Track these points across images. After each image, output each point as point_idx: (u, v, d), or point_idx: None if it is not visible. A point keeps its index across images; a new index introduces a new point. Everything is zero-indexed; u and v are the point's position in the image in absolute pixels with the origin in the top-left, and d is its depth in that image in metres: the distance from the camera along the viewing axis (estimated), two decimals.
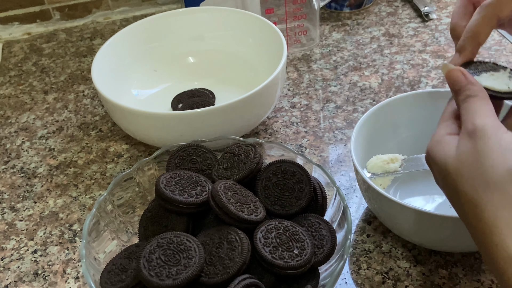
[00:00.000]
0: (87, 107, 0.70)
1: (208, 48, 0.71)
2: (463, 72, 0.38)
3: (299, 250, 0.38)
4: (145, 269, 0.36)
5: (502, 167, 0.31)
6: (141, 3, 0.91)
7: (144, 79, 0.69)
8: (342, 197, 0.43)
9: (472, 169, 0.32)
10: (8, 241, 0.53)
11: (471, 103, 0.36)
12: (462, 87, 0.37)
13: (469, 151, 0.33)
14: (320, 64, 0.73)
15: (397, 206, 0.43)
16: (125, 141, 0.63)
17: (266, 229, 0.39)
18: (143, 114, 0.54)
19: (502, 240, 0.30)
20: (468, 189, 0.32)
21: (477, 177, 0.32)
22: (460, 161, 0.33)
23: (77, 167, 0.60)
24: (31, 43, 0.85)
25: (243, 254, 0.37)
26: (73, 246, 0.51)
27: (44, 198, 0.57)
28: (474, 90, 0.36)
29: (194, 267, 0.37)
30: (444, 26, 0.79)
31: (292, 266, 0.37)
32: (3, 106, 0.72)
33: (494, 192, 0.31)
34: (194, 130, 0.53)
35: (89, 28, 0.88)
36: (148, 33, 0.69)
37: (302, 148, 0.60)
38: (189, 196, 0.42)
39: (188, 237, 0.39)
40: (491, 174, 0.31)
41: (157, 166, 0.49)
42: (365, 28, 0.80)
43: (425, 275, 0.46)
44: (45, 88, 0.75)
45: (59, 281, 0.48)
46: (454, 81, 0.38)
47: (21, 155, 0.63)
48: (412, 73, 0.70)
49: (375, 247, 0.48)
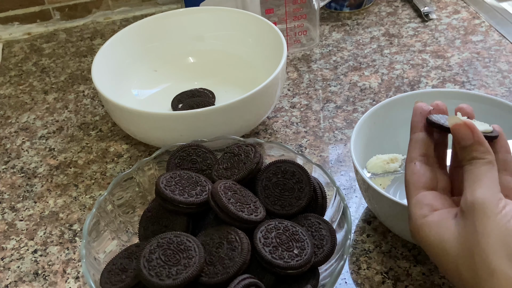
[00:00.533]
0: (87, 107, 0.70)
1: (208, 48, 0.71)
2: (471, 128, 0.35)
3: (299, 250, 0.38)
4: (145, 269, 0.36)
5: (503, 253, 0.31)
6: (141, 3, 0.91)
7: (144, 79, 0.69)
8: (342, 197, 0.43)
9: (472, 254, 0.32)
10: (8, 241, 0.53)
11: (476, 167, 0.34)
12: (468, 145, 0.35)
13: (468, 233, 0.32)
14: (320, 64, 0.73)
15: (397, 206, 0.43)
16: (125, 141, 0.63)
17: (266, 229, 0.39)
18: (143, 114, 0.54)
19: None
20: (470, 275, 0.32)
21: (479, 263, 0.31)
22: (461, 244, 0.33)
23: (77, 167, 0.60)
24: (31, 43, 0.85)
25: (243, 254, 0.37)
26: (73, 246, 0.52)
27: (44, 198, 0.57)
28: (482, 152, 0.35)
29: (194, 267, 0.37)
30: (444, 26, 0.79)
31: (292, 266, 0.37)
32: (3, 106, 0.72)
33: (495, 279, 0.31)
34: (194, 130, 0.53)
35: (89, 28, 0.88)
36: (148, 33, 0.69)
37: (302, 148, 0.60)
38: (189, 196, 0.42)
39: (188, 237, 0.39)
40: (491, 260, 0.31)
41: (157, 166, 0.49)
42: (365, 28, 0.80)
43: (425, 275, 0.46)
44: (45, 88, 0.75)
45: (59, 281, 0.48)
46: (462, 138, 0.36)
47: (21, 155, 0.63)
48: (412, 73, 0.70)
49: (375, 247, 0.48)
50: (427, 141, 0.39)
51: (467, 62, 0.71)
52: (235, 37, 0.70)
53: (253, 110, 0.56)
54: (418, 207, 0.36)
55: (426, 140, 0.39)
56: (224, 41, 0.71)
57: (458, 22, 0.79)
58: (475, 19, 0.80)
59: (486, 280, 0.31)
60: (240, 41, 0.70)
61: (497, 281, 0.31)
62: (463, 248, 0.32)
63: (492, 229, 0.31)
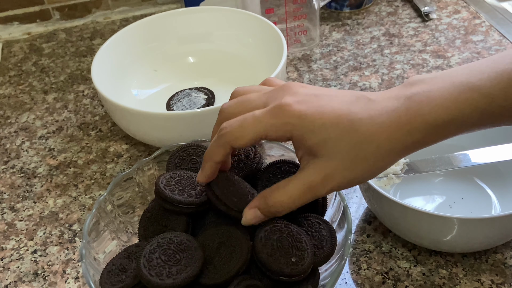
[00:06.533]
0: (87, 107, 0.70)
1: (208, 48, 0.71)
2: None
3: (297, 259, 0.38)
4: (145, 268, 0.36)
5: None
6: (141, 3, 0.91)
7: (144, 79, 0.69)
8: (342, 197, 0.43)
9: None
10: (8, 241, 0.53)
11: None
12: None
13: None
14: (320, 64, 0.73)
15: (397, 206, 0.43)
16: (125, 141, 0.63)
17: (271, 229, 0.39)
18: (143, 114, 0.54)
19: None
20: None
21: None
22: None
23: (77, 167, 0.60)
24: (31, 43, 0.85)
25: (243, 254, 0.37)
26: (73, 246, 0.51)
27: (44, 198, 0.57)
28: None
29: (194, 267, 0.37)
30: (445, 26, 0.79)
31: (285, 272, 0.37)
32: (3, 106, 0.72)
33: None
34: (194, 130, 0.53)
35: (89, 28, 0.88)
36: (148, 33, 0.69)
37: None
38: (189, 196, 0.42)
39: (188, 237, 0.39)
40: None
41: (157, 166, 0.49)
42: (365, 28, 0.80)
43: (425, 275, 0.46)
44: (45, 88, 0.75)
45: (59, 281, 0.48)
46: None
47: (21, 155, 0.63)
48: (412, 73, 0.70)
49: (375, 247, 0.48)
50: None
51: (467, 62, 0.71)
52: (235, 37, 0.70)
53: None
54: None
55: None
56: (224, 41, 0.71)
57: (459, 22, 0.79)
58: (476, 19, 0.80)
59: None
60: (240, 41, 0.70)
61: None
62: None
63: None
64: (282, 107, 0.35)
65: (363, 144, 0.34)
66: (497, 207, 0.49)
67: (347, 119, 0.34)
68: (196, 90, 0.66)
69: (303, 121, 0.34)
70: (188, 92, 0.66)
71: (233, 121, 0.37)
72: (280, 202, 0.36)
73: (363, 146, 0.34)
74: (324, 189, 0.35)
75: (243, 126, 0.36)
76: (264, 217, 0.38)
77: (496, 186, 0.51)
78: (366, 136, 0.34)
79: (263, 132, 0.35)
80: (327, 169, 0.35)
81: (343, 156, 0.34)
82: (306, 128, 0.34)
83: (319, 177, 0.35)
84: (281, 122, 0.35)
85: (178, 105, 0.64)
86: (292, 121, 0.35)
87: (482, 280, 0.45)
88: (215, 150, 0.38)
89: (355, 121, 0.34)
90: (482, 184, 0.52)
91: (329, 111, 0.35)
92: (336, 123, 0.34)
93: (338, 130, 0.34)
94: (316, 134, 0.34)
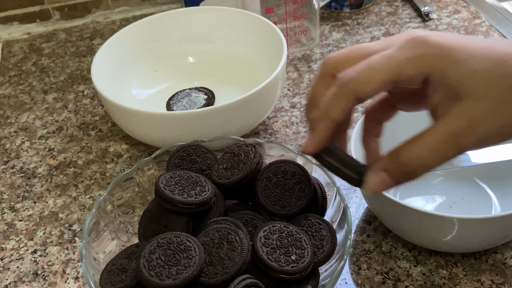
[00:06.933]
0: (87, 107, 0.70)
1: (208, 48, 0.71)
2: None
3: (297, 257, 0.38)
4: (145, 269, 0.36)
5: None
6: (141, 3, 0.91)
7: (144, 79, 0.69)
8: (342, 197, 0.43)
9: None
10: (8, 241, 0.53)
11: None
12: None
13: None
14: (320, 64, 0.73)
15: (397, 206, 0.43)
16: (125, 141, 0.63)
17: (270, 229, 0.39)
18: (143, 114, 0.54)
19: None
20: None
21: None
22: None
23: (77, 167, 0.60)
24: (31, 43, 0.85)
25: (243, 254, 0.37)
26: (73, 246, 0.51)
27: (43, 198, 0.57)
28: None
29: (194, 267, 0.37)
30: (445, 26, 0.79)
31: (285, 271, 0.37)
32: (3, 106, 0.72)
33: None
34: (194, 130, 0.53)
35: (89, 28, 0.88)
36: (148, 33, 0.69)
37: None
38: (189, 196, 0.42)
39: (188, 237, 0.39)
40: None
41: (157, 166, 0.49)
42: (365, 28, 0.80)
43: (425, 275, 0.46)
44: (45, 88, 0.75)
45: (58, 281, 0.48)
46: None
47: (21, 155, 0.63)
48: None
49: (375, 247, 0.48)
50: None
51: None
52: (235, 37, 0.70)
53: (253, 110, 0.56)
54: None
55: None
56: (224, 41, 0.71)
57: (459, 21, 0.79)
58: (476, 18, 0.80)
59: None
60: (240, 41, 0.70)
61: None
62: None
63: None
64: (418, 39, 0.30)
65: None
66: (497, 207, 0.49)
67: (497, 51, 0.29)
68: (196, 90, 0.66)
69: (446, 51, 0.29)
70: (188, 92, 0.66)
71: (355, 67, 0.31)
72: (416, 156, 0.31)
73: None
74: (471, 136, 0.29)
75: (371, 67, 0.30)
76: (394, 183, 0.32)
77: (496, 186, 0.51)
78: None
79: (397, 71, 0.30)
80: (474, 112, 0.29)
81: (493, 95, 0.29)
82: (450, 58, 0.29)
83: (465, 122, 0.29)
84: (419, 54, 0.30)
85: (178, 105, 0.64)
86: (433, 51, 0.29)
87: (482, 280, 0.45)
88: (334, 103, 0.31)
89: (506, 54, 0.29)
90: (482, 184, 0.52)
91: (473, 43, 0.30)
92: (485, 54, 0.29)
93: (488, 62, 0.29)
94: (463, 65, 0.29)
